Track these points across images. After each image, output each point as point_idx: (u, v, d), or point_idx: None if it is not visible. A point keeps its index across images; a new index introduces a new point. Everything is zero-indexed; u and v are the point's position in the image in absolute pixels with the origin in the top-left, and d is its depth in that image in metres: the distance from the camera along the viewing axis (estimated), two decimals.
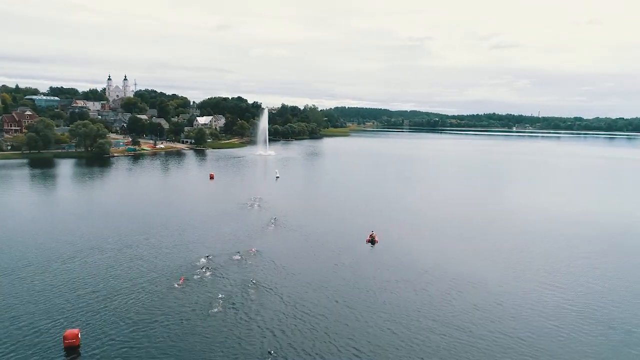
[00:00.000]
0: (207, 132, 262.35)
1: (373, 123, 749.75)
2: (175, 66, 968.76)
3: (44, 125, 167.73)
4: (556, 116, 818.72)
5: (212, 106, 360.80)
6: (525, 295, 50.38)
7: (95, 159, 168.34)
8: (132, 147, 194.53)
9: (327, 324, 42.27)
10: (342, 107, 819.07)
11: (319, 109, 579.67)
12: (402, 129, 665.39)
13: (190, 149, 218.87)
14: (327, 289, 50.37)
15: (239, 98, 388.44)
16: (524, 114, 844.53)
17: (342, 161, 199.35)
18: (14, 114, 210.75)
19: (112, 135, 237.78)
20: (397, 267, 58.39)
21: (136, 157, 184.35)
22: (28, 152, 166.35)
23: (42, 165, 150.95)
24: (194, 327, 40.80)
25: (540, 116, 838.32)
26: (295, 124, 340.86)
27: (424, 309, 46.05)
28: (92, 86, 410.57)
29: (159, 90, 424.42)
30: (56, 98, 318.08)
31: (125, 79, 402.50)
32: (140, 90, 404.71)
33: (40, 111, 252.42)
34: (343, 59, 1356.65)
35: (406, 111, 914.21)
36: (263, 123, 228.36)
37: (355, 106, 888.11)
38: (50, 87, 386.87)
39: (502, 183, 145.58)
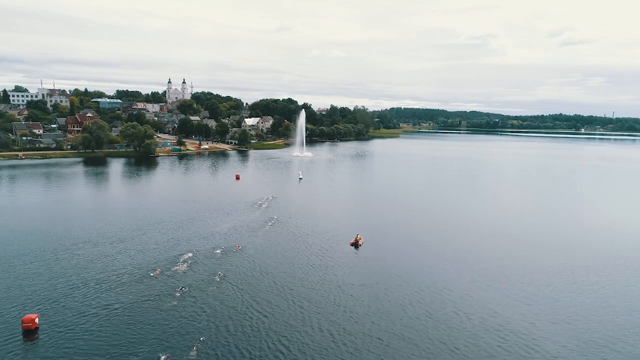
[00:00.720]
0: (253, 133, 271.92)
1: (429, 124, 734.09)
2: (235, 68, 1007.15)
3: (97, 126, 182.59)
4: (632, 117, 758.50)
5: (262, 108, 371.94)
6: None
7: (141, 158, 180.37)
8: (177, 147, 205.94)
9: (270, 322, 44.57)
10: (397, 108, 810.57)
11: (375, 110, 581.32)
12: (459, 130, 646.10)
13: (233, 149, 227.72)
14: (290, 289, 52.66)
15: (289, 100, 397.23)
16: (595, 115, 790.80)
17: (375, 163, 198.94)
18: (76, 116, 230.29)
19: (164, 136, 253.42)
20: (377, 270, 59.38)
21: (180, 157, 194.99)
22: (83, 151, 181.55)
23: (93, 163, 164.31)
24: (146, 316, 44.70)
25: (614, 117, 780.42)
26: (342, 125, 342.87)
27: (383, 315, 47.07)
28: (158, 89, 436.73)
29: (216, 92, 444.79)
30: (119, 101, 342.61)
31: (183, 82, 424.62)
32: (197, 92, 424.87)
33: (102, 113, 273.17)
34: (401, 59, 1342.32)
35: (465, 112, 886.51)
36: (300, 124, 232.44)
37: (413, 107, 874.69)
38: (117, 91, 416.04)
39: (560, 193, 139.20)
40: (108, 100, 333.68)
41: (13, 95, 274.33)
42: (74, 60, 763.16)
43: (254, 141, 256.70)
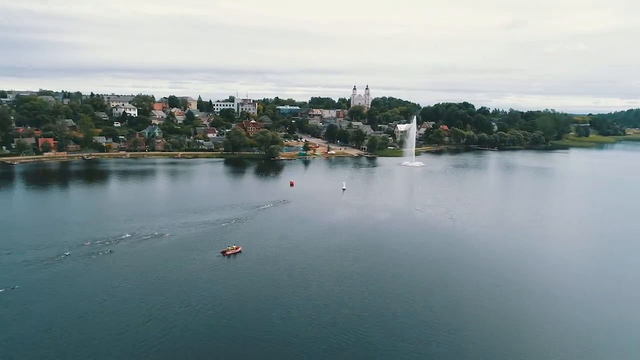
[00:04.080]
0: (396, 139, 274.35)
1: None
2: (461, 69, 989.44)
3: (235, 132, 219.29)
4: None
5: (431, 112, 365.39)
6: None
7: (265, 161, 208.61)
8: (303, 152, 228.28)
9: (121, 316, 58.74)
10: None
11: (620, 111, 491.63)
12: None
13: (360, 155, 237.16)
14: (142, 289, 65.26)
15: (464, 104, 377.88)
16: None
17: (487, 180, 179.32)
18: (243, 122, 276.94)
19: (314, 140, 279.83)
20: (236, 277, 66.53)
21: (305, 161, 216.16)
22: (226, 153, 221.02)
23: (227, 163, 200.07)
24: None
25: None
26: (509, 132, 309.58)
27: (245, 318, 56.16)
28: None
29: (436, 95, 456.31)
30: (297, 108, 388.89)
31: (366, 88, 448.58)
32: (377, 98, 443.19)
33: (276, 119, 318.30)
34: None
35: None
36: (411, 131, 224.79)
37: None
38: (312, 98, 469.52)
39: None
40: (288, 107, 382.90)
41: (215, 104, 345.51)
42: (311, 69, 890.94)
43: (392, 147, 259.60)
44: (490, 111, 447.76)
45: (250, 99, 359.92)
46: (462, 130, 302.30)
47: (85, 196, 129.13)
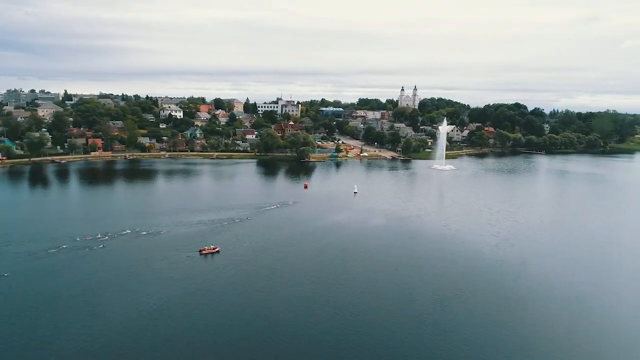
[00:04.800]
0: (416, 142, 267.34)
1: None
2: (526, 68, 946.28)
3: (267, 134, 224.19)
4: None
5: (479, 114, 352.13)
6: None
7: (295, 163, 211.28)
8: (334, 153, 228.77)
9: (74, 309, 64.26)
10: None
11: None
12: None
13: (394, 157, 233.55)
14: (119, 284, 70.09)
15: (516, 104, 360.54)
16: None
17: (520, 186, 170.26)
18: (282, 124, 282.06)
19: (351, 142, 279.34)
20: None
21: (337, 163, 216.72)
22: (259, 154, 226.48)
23: (258, 164, 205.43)
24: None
25: None
26: (560, 135, 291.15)
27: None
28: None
29: (498, 96, 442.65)
30: (340, 109, 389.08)
31: (414, 89, 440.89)
32: (425, 99, 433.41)
33: (316, 120, 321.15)
34: None
35: None
36: (441, 134, 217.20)
37: None
38: (359, 99, 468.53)
39: None
40: (332, 109, 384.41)
41: (260, 106, 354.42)
42: (366, 69, 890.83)
43: (429, 150, 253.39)
44: (551, 111, 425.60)
45: (294, 101, 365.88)
46: (507, 132, 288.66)
47: (102, 193, 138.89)
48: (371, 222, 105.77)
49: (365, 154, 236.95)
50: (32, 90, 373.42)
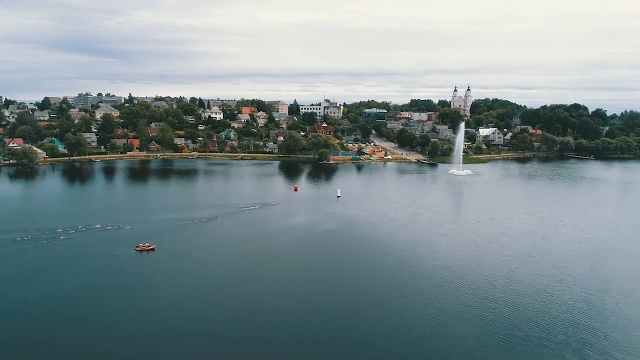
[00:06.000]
0: (441, 145, 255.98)
1: None
2: (615, 65, 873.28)
3: (289, 136, 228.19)
4: None
5: (531, 116, 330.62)
6: None
7: (315, 165, 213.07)
8: (356, 156, 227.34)
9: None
10: None
11: None
12: None
13: (419, 161, 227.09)
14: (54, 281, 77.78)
15: (575, 105, 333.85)
16: None
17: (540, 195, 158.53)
18: (315, 126, 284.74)
19: (384, 144, 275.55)
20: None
21: (358, 166, 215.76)
22: (282, 155, 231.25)
23: (279, 166, 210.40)
24: None
25: None
26: (617, 139, 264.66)
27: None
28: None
29: (574, 95, 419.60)
30: (384, 110, 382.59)
31: (468, 89, 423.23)
32: (478, 99, 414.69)
33: (356, 122, 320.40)
34: None
35: None
36: (458, 138, 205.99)
37: None
38: (411, 100, 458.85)
39: None
40: (375, 110, 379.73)
41: (302, 106, 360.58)
42: (439, 69, 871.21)
43: (465, 154, 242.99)
44: (622, 112, 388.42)
45: (336, 103, 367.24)
46: (554, 135, 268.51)
47: (101, 190, 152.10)
48: (322, 227, 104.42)
49: (390, 156, 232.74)
50: (100, 94, 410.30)
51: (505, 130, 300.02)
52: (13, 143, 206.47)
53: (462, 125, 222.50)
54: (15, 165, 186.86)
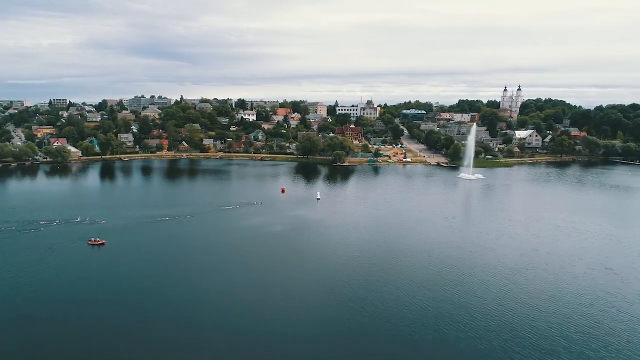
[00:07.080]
0: (462, 147, 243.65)
1: None
2: None
3: (307, 137, 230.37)
4: None
5: (581, 117, 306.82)
6: None
7: (330, 166, 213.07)
8: (372, 158, 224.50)
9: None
10: None
11: None
12: None
13: (439, 163, 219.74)
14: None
15: (633, 105, 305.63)
16: None
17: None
18: (343, 127, 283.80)
19: (412, 146, 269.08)
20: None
21: (375, 167, 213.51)
22: (300, 157, 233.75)
23: (296, 167, 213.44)
24: None
25: None
26: None
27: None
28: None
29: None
30: (423, 111, 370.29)
31: (518, 89, 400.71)
32: (528, 99, 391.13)
33: (389, 123, 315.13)
34: None
35: None
36: (470, 140, 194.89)
37: None
38: (459, 100, 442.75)
39: None
40: (414, 111, 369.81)
41: (340, 108, 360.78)
42: (511, 67, 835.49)
43: (489, 157, 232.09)
44: None
45: (373, 104, 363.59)
46: (596, 138, 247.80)
47: (99, 187, 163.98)
48: (271, 229, 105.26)
49: (409, 159, 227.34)
50: (152, 96, 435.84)
51: (548, 132, 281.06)
52: (57, 142, 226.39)
53: (474, 127, 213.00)
54: (50, 162, 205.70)
